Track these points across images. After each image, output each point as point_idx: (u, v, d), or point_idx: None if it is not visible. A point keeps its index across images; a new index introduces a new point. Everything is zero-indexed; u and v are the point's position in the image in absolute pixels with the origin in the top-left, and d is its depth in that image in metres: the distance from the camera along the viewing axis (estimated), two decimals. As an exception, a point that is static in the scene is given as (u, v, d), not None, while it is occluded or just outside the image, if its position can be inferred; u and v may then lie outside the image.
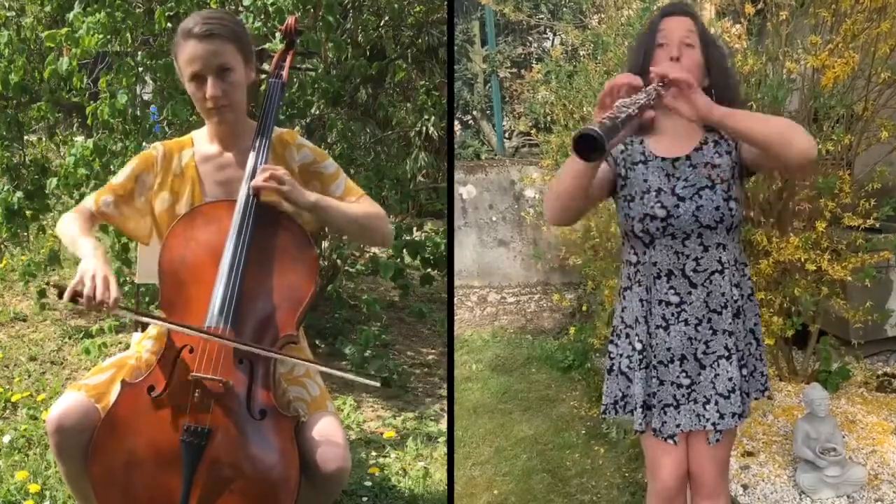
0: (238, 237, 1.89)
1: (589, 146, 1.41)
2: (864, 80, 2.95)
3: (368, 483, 2.77)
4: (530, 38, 6.60)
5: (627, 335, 1.92)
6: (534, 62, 6.15)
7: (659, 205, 1.80)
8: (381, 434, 3.15)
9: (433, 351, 4.07)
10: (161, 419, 1.78)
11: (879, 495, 2.68)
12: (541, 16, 6.02)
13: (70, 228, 1.94)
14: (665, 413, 1.88)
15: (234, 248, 1.88)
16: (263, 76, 2.31)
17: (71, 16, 3.30)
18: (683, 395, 1.87)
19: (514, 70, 6.25)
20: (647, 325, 1.87)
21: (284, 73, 2.14)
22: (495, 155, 5.96)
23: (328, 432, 1.84)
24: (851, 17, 2.82)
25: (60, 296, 1.73)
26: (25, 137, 4.11)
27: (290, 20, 2.23)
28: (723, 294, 1.83)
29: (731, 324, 1.84)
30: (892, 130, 2.91)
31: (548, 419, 3.53)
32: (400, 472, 2.87)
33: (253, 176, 1.94)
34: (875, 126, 3.01)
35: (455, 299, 5.15)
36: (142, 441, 1.77)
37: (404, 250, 3.73)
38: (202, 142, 2.07)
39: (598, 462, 3.12)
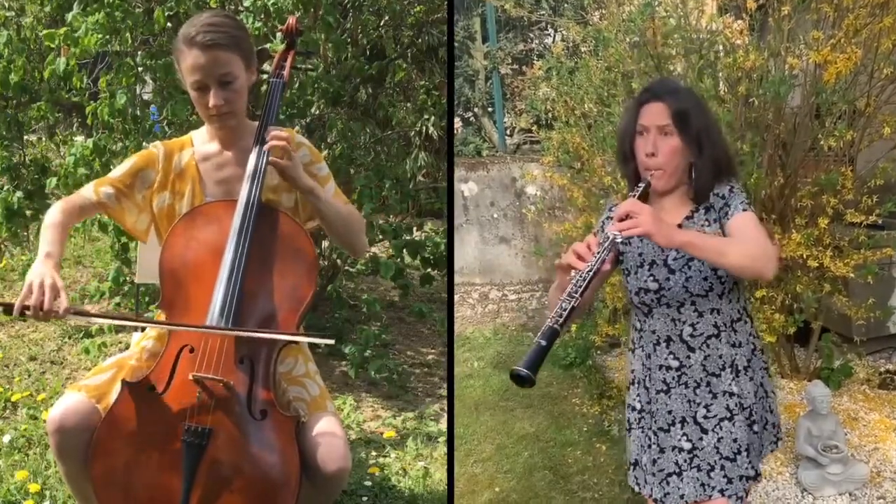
0: (239, 237, 1.89)
1: (522, 381, 1.61)
2: (867, 75, 2.94)
3: (368, 483, 2.76)
4: (531, 35, 6.59)
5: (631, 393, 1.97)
6: (535, 59, 6.14)
7: (651, 278, 1.86)
8: (381, 434, 3.14)
9: (433, 351, 4.06)
10: (161, 419, 1.77)
11: (882, 492, 2.67)
12: (542, 12, 6.00)
13: (46, 221, 1.91)
14: (668, 483, 1.86)
15: (235, 249, 1.88)
16: (264, 76, 2.31)
17: (70, 16, 3.29)
18: (686, 461, 1.85)
19: (516, 66, 6.25)
20: (647, 389, 1.91)
21: (285, 73, 2.14)
22: (496, 152, 5.96)
23: (329, 432, 1.83)
24: (854, 12, 2.80)
25: (8, 312, 1.70)
26: (25, 137, 4.10)
27: (290, 20, 2.23)
28: (720, 356, 1.86)
29: (731, 384, 1.85)
30: (894, 127, 2.90)
31: (549, 416, 3.53)
32: (400, 471, 2.87)
33: (254, 175, 1.94)
34: (877, 122, 3.00)
35: (456, 296, 5.15)
36: (142, 441, 1.77)
37: (404, 250, 3.73)
38: (202, 141, 2.07)
39: (600, 459, 3.11)
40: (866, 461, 2.82)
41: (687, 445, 1.86)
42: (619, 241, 1.70)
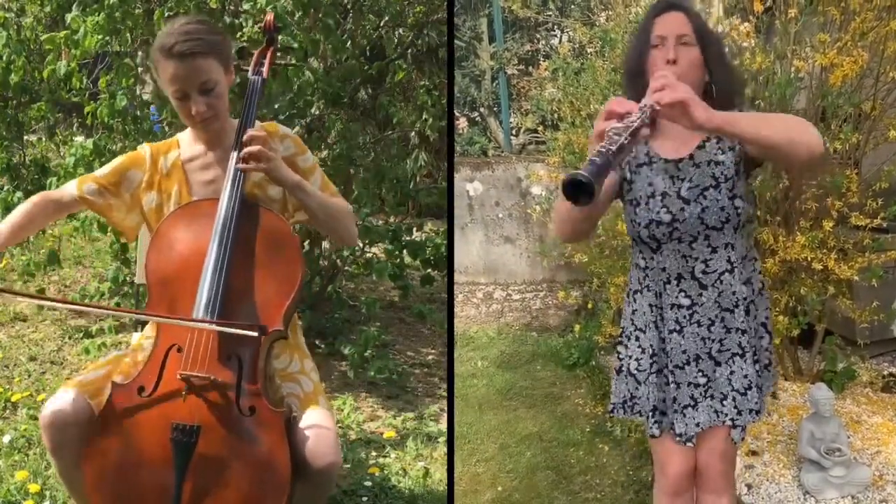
0: (222, 234, 1.90)
1: (578, 190, 1.41)
2: (873, 79, 2.94)
3: (368, 483, 2.77)
4: (538, 35, 6.58)
5: (637, 338, 1.92)
6: (541, 59, 6.14)
7: (664, 210, 1.80)
8: (381, 434, 3.15)
9: (433, 351, 4.07)
10: (151, 419, 1.79)
11: (884, 496, 2.67)
12: (549, 13, 6.01)
13: (18, 209, 1.96)
14: (685, 415, 1.87)
15: (219, 245, 1.89)
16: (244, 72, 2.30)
17: (69, 17, 3.29)
18: (701, 394, 1.87)
19: (522, 67, 6.25)
20: (657, 330, 1.87)
21: (265, 69, 2.14)
22: (502, 152, 5.96)
23: (317, 425, 1.84)
24: (860, 15, 2.80)
25: None
26: (25, 137, 4.11)
27: (268, 17, 2.24)
28: (734, 293, 1.82)
29: (743, 321, 1.84)
30: (900, 130, 2.90)
31: (552, 416, 3.54)
32: (400, 472, 2.87)
33: (236, 173, 1.95)
34: (883, 125, 2.99)
35: (461, 296, 5.15)
36: (133, 441, 1.78)
37: (404, 251, 3.73)
38: (187, 143, 2.09)
39: (603, 459, 3.12)
40: (869, 464, 2.82)
41: (703, 381, 1.86)
42: (657, 108, 1.56)
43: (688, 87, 1.57)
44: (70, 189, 2.04)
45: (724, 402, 1.86)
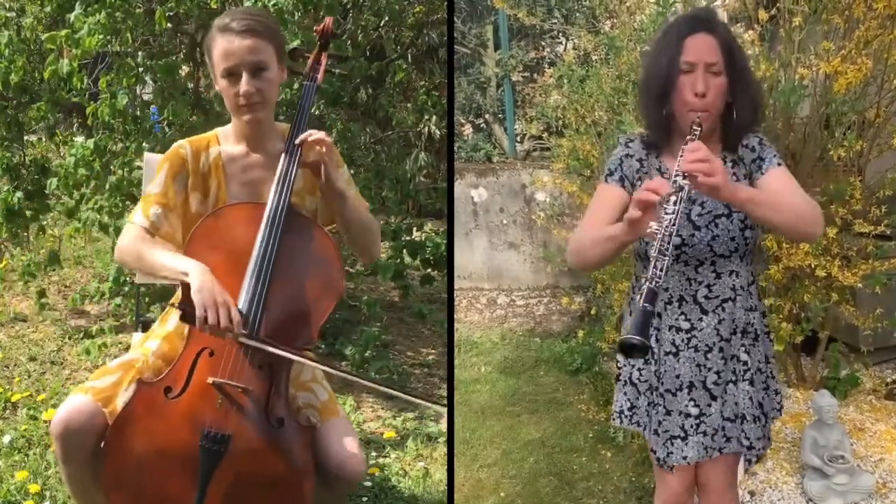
0: (266, 244, 1.84)
1: (634, 350, 1.50)
2: (877, 86, 2.95)
3: (368, 483, 2.78)
4: (543, 43, 6.60)
5: None
6: (546, 66, 6.15)
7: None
8: (381, 434, 3.16)
9: (433, 351, 4.07)
10: (177, 422, 1.75)
11: (888, 503, 2.67)
12: (554, 20, 6.01)
13: (156, 256, 1.84)
14: (672, 444, 1.85)
15: (262, 256, 1.83)
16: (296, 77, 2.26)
17: (72, 17, 3.30)
18: (692, 426, 1.83)
19: (527, 74, 6.25)
20: (654, 351, 1.85)
21: (319, 75, 2.10)
22: (507, 158, 5.97)
23: (345, 438, 1.84)
24: (864, 23, 2.81)
25: (190, 321, 1.73)
26: (25, 137, 4.11)
27: (327, 21, 2.17)
28: (734, 321, 1.81)
29: (740, 350, 1.82)
30: (903, 137, 2.90)
31: (555, 422, 3.53)
32: (400, 472, 2.88)
33: (284, 179, 1.90)
34: (887, 133, 3.00)
35: (464, 301, 5.16)
36: (156, 443, 1.74)
37: (404, 251, 3.73)
38: (228, 140, 2.02)
39: (605, 466, 3.11)
40: (872, 472, 2.81)
41: (694, 411, 1.82)
42: (692, 192, 1.57)
43: (721, 168, 1.54)
44: (141, 223, 1.91)
45: (715, 437, 1.83)
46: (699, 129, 1.66)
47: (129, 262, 1.92)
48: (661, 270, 1.52)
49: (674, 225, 1.53)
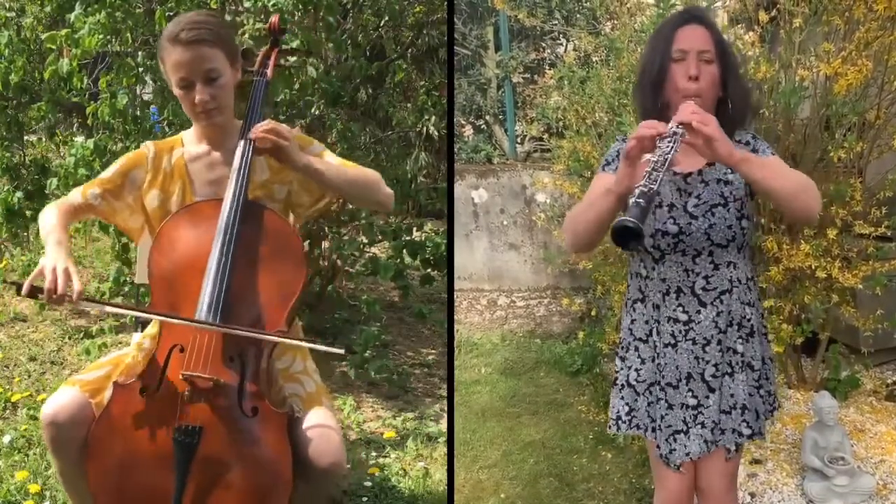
0: (225, 235, 1.89)
1: (627, 236, 1.46)
2: (877, 87, 2.95)
3: (368, 483, 2.78)
4: (544, 44, 6.60)
5: (637, 348, 1.91)
6: (547, 67, 6.16)
7: (671, 221, 1.79)
8: (381, 434, 3.16)
9: (433, 351, 4.07)
10: (153, 419, 1.80)
11: (888, 505, 2.67)
12: (554, 22, 6.02)
13: (46, 220, 1.93)
14: (675, 440, 1.85)
15: (222, 246, 1.88)
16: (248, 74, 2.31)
17: (72, 17, 3.30)
18: (691, 417, 1.84)
19: (528, 75, 6.26)
20: (654, 345, 1.86)
21: (269, 70, 2.16)
22: (507, 159, 5.97)
23: (321, 425, 1.84)
24: (864, 25, 2.81)
25: (19, 292, 1.74)
26: (25, 137, 4.12)
27: (273, 19, 2.26)
28: (730, 313, 1.81)
29: (736, 342, 1.82)
30: (904, 138, 2.90)
31: (556, 423, 3.53)
32: (400, 472, 2.88)
33: (239, 171, 1.94)
34: (887, 134, 3.00)
35: (465, 303, 5.16)
36: (135, 441, 1.79)
37: (404, 251, 3.73)
38: (191, 142, 2.09)
39: (606, 467, 3.11)
40: (873, 473, 2.81)
41: (692, 402, 1.83)
42: (686, 137, 1.58)
43: (715, 121, 1.57)
44: (74, 197, 2.03)
45: (714, 431, 1.84)
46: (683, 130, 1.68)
47: (40, 227, 1.96)
48: (654, 182, 1.53)
49: (668, 157, 1.55)
